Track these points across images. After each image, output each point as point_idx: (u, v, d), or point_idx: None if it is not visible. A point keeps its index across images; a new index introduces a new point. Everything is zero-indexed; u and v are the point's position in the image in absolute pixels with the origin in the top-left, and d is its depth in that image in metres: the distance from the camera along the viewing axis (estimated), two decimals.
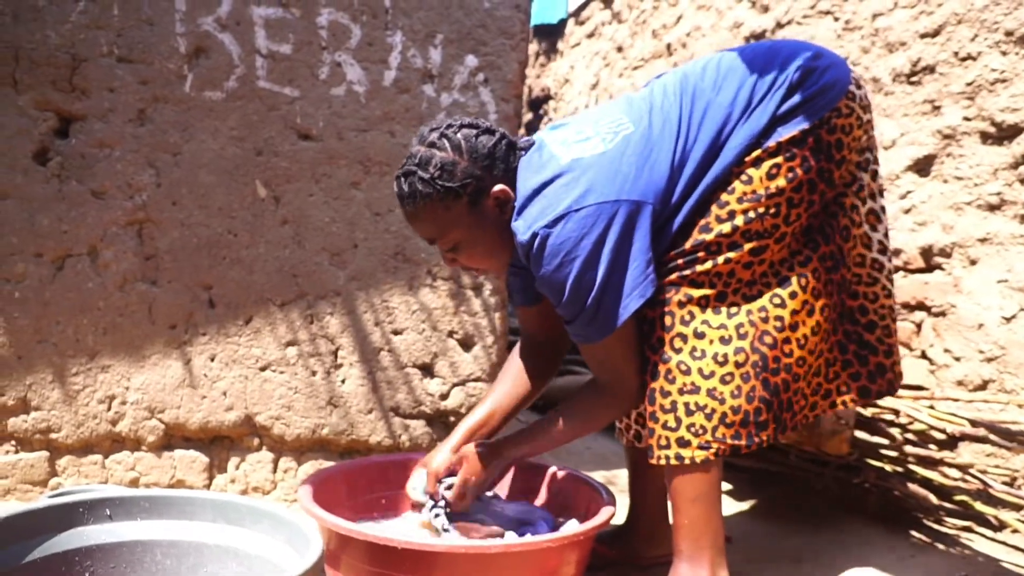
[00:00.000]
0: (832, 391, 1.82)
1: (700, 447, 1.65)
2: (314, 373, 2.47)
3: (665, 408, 1.68)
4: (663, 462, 1.69)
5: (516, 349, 2.07)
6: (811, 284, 1.73)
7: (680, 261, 1.69)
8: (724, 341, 1.67)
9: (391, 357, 2.50)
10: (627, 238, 1.63)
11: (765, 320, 1.69)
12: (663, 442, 1.68)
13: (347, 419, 2.49)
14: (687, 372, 1.66)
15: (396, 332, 2.50)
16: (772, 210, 1.67)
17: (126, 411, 2.41)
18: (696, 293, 1.69)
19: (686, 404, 1.66)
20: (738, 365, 1.66)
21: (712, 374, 1.66)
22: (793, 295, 1.71)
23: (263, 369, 2.46)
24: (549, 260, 1.63)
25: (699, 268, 1.68)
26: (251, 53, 2.41)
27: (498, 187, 1.72)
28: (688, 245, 1.69)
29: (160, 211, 2.39)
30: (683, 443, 1.66)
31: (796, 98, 1.67)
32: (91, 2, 2.33)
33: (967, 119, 2.67)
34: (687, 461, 1.66)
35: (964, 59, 2.69)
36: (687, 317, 1.68)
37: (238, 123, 2.41)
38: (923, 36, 2.85)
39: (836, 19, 3.32)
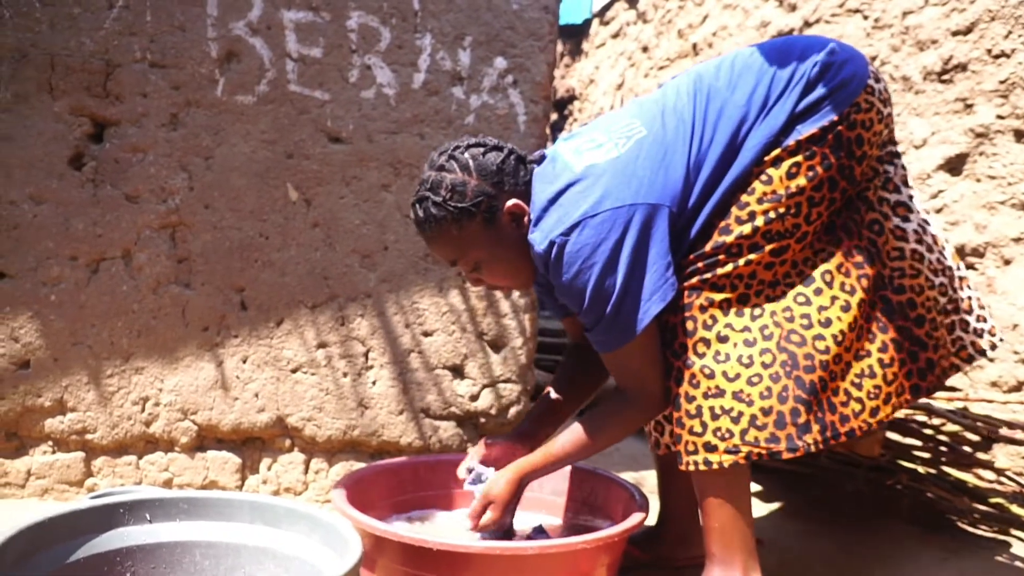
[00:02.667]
0: (892, 394, 1.70)
1: (728, 451, 1.62)
2: (345, 375, 2.49)
3: (691, 413, 1.65)
4: (692, 468, 1.66)
5: (564, 359, 2.09)
6: (838, 279, 1.68)
7: (700, 264, 1.67)
8: (748, 343, 1.64)
9: (421, 359, 2.51)
10: (645, 242, 1.61)
11: (791, 320, 1.66)
12: (691, 447, 1.65)
13: (378, 420, 2.51)
14: (711, 376, 1.64)
15: (426, 334, 2.51)
16: (793, 210, 1.65)
17: (159, 412, 2.43)
18: (717, 297, 1.66)
19: (711, 408, 1.63)
20: (765, 366, 1.62)
21: (737, 376, 1.62)
22: (818, 291, 1.67)
23: (294, 371, 2.47)
24: (568, 268, 1.62)
25: (720, 271, 1.66)
26: (282, 57, 2.43)
27: (511, 202, 1.71)
28: (708, 248, 1.67)
29: (193, 214, 2.41)
30: (710, 448, 1.63)
31: (814, 95, 1.65)
32: (125, 9, 2.36)
33: (1000, 117, 2.65)
34: (715, 466, 1.63)
35: (997, 56, 2.66)
36: (709, 321, 1.66)
37: (269, 126, 2.43)
38: (955, 34, 2.83)
39: (865, 17, 3.29)
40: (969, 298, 1.82)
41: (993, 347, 1.83)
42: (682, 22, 5.00)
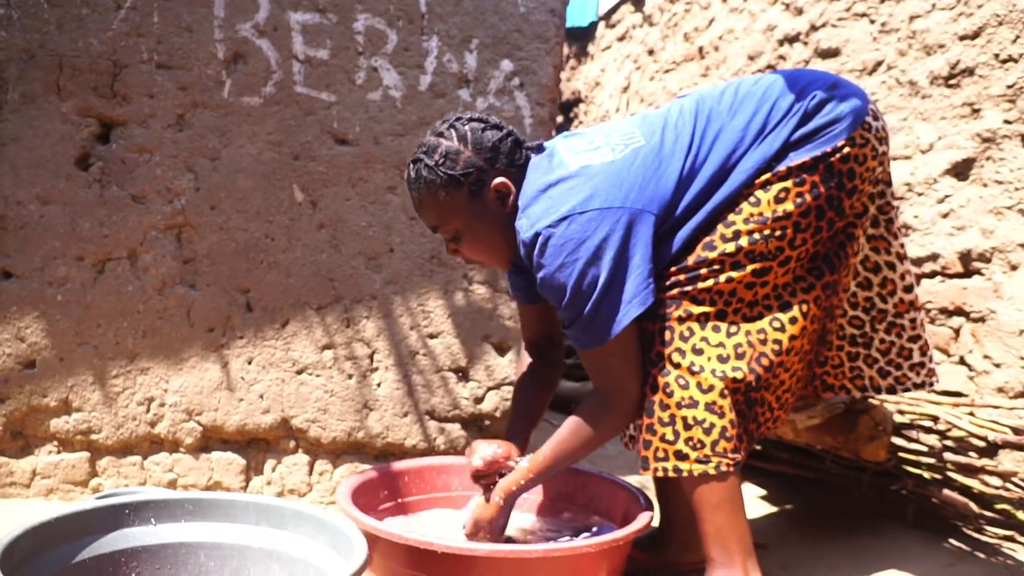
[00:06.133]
0: (790, 404, 1.88)
1: (698, 461, 1.67)
2: (350, 376, 2.49)
3: (664, 421, 1.69)
4: (660, 474, 1.71)
5: (520, 362, 2.14)
6: (812, 312, 1.75)
7: (682, 277, 1.71)
8: (722, 359, 1.69)
9: (427, 361, 2.51)
10: (629, 246, 1.65)
11: (763, 342, 1.71)
12: (660, 454, 1.70)
13: (383, 422, 2.51)
14: (685, 387, 1.68)
15: (432, 336, 2.51)
16: (778, 232, 1.69)
17: (164, 413, 2.44)
18: (696, 310, 1.71)
19: (684, 418, 1.67)
20: (735, 381, 1.68)
21: (711, 388, 1.67)
22: (793, 320, 1.73)
23: (299, 372, 2.47)
24: (550, 260, 1.65)
25: (700, 285, 1.70)
26: (288, 58, 2.43)
27: (499, 180, 1.76)
28: (691, 262, 1.71)
29: (199, 215, 2.42)
30: (681, 456, 1.68)
31: (810, 126, 1.70)
32: (132, 10, 2.37)
33: (1008, 122, 2.64)
34: (684, 474, 1.68)
35: (1005, 61, 2.65)
36: (686, 333, 1.70)
37: (276, 128, 2.44)
38: (962, 38, 2.82)
39: (872, 21, 3.29)
40: (892, 343, 1.94)
41: (892, 390, 1.97)
42: (688, 25, 5.00)
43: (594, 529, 2.04)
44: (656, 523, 2.13)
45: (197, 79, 2.40)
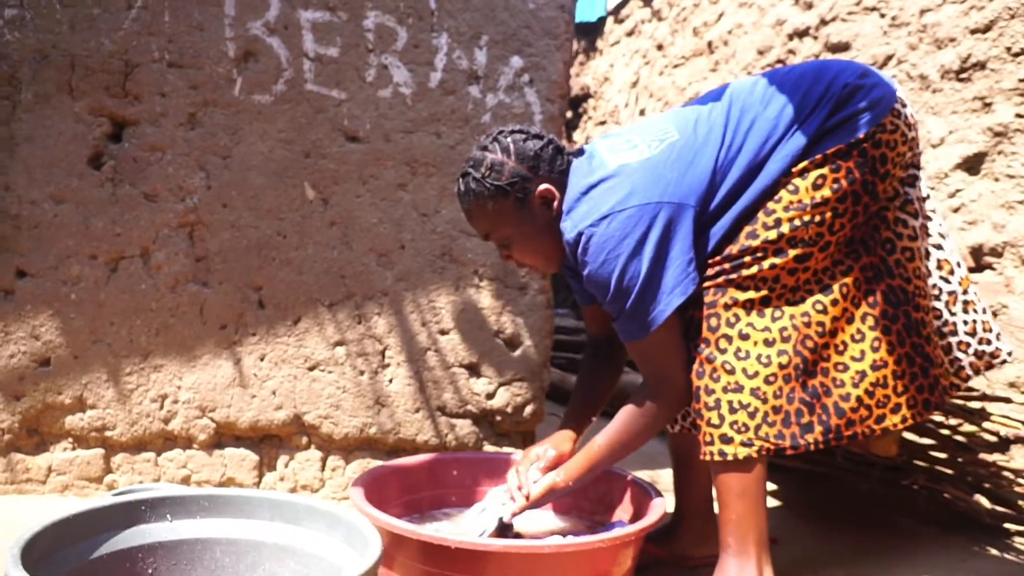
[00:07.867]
0: (902, 405, 1.76)
1: (743, 444, 1.70)
2: (362, 373, 2.50)
3: (709, 406, 1.73)
4: (707, 458, 1.74)
5: (585, 354, 2.20)
6: (851, 292, 1.76)
7: (727, 265, 1.75)
8: (768, 343, 1.71)
9: (437, 357, 2.52)
10: (668, 238, 1.70)
11: (808, 325, 1.73)
12: (708, 438, 1.73)
13: (394, 418, 2.52)
14: (731, 372, 1.71)
15: (443, 332, 2.52)
16: (817, 219, 1.72)
17: (178, 410, 2.45)
18: (742, 296, 1.74)
19: (729, 402, 1.71)
20: (782, 367, 1.70)
21: (756, 374, 1.70)
22: (835, 302, 1.74)
23: (312, 369, 2.49)
24: (594, 257, 1.71)
25: (745, 272, 1.74)
26: (299, 56, 2.44)
27: (543, 186, 1.83)
28: (735, 250, 1.75)
29: (210, 213, 2.43)
30: (726, 439, 1.71)
31: (843, 113, 1.73)
32: (143, 9, 2.38)
33: (1020, 116, 2.63)
34: (730, 457, 1.71)
35: (1017, 55, 2.64)
36: (732, 319, 1.74)
37: (287, 126, 2.44)
38: (973, 32, 2.81)
39: (882, 15, 3.28)
40: (974, 321, 1.89)
41: (990, 367, 1.92)
42: (697, 20, 4.99)
43: (608, 523, 2.04)
44: (670, 516, 2.14)
45: (208, 78, 2.41)
